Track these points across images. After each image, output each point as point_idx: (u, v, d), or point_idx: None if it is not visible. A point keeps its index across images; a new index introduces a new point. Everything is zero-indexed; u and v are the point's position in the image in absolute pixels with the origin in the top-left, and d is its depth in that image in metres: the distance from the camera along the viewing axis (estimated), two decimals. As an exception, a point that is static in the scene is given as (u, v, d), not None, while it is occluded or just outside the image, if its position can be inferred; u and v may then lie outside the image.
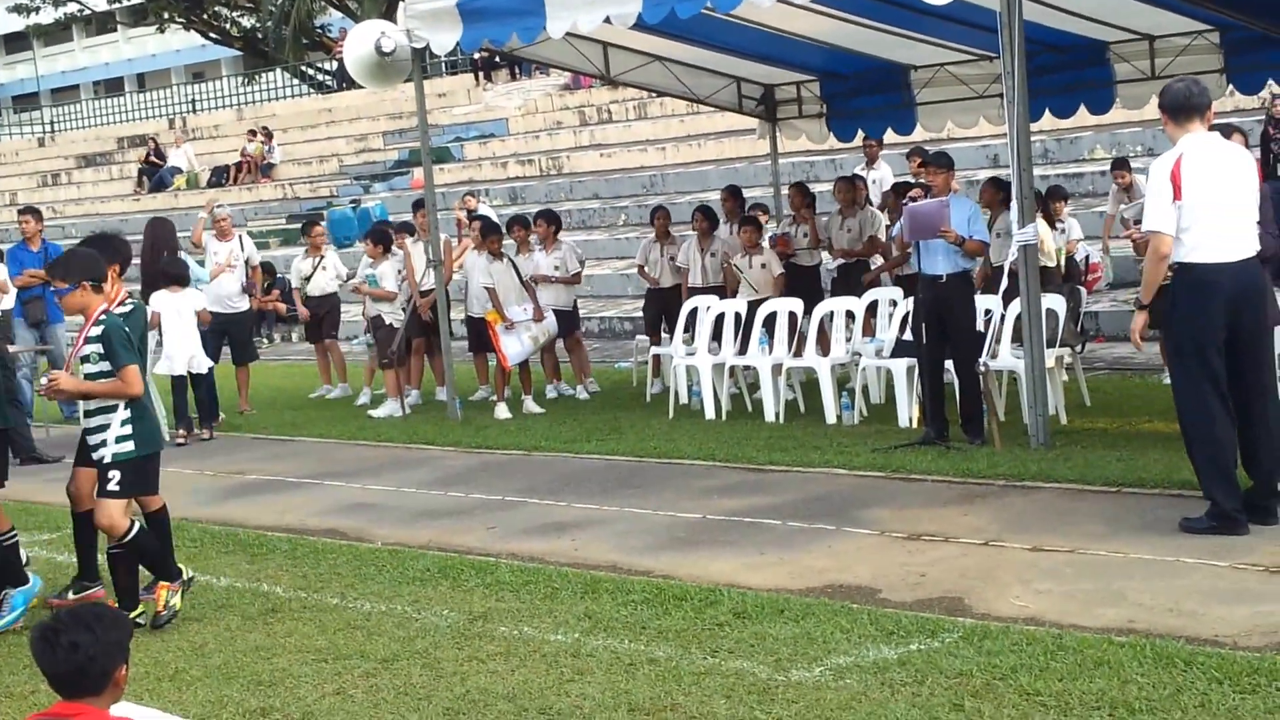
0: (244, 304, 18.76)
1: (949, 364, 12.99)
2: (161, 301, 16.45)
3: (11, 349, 17.14)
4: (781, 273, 16.49)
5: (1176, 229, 8.98)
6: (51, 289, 9.54)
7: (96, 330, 8.95)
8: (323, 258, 19.57)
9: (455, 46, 15.81)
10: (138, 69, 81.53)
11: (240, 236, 19.09)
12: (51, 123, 64.37)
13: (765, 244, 16.92)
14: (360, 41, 16.26)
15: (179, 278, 16.71)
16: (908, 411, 13.80)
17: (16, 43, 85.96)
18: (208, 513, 12.62)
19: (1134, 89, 16.76)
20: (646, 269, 17.88)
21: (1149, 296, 9.21)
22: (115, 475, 8.95)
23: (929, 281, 12.81)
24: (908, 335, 13.94)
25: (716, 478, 12.34)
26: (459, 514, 11.76)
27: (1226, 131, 10.58)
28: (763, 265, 16.44)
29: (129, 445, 9.05)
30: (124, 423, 9.03)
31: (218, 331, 18.06)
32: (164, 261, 16.93)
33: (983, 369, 12.62)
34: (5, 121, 74.10)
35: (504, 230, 17.73)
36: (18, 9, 68.78)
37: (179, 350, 16.57)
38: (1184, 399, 9.17)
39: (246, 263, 18.84)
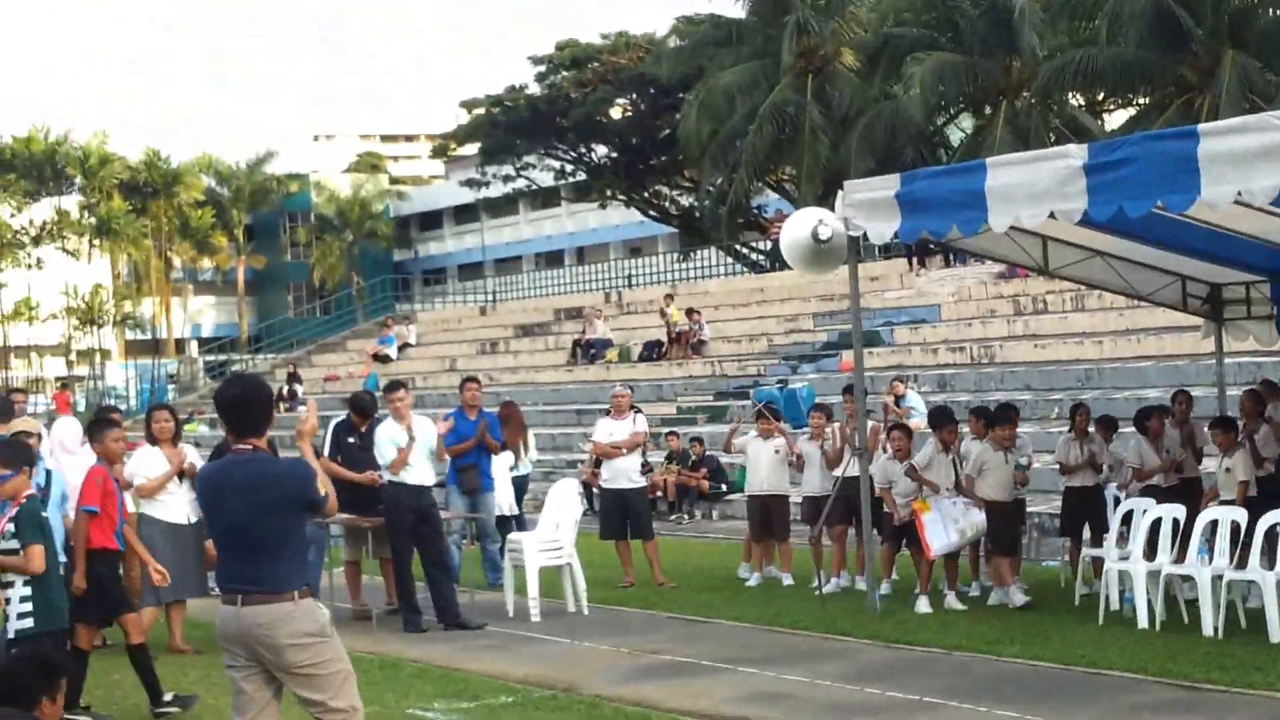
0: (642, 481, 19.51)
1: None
2: None
3: (444, 514, 17.61)
4: (1244, 480, 15.75)
5: None
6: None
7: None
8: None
9: (893, 236, 15.76)
10: (577, 242, 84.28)
11: None
12: (493, 292, 66.84)
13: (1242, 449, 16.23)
14: (797, 228, 16.34)
15: None
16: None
17: (466, 214, 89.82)
18: (619, 691, 12.61)
19: None
20: (1067, 465, 17.33)
21: None
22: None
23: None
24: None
25: (1149, 693, 11.76)
26: (874, 711, 11.47)
27: None
28: (1227, 469, 15.79)
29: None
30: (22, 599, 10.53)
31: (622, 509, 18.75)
32: None
33: None
34: (450, 290, 77.43)
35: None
36: (470, 183, 72.10)
37: None
38: None
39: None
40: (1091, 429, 17.54)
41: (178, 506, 14.70)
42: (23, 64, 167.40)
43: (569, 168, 68.50)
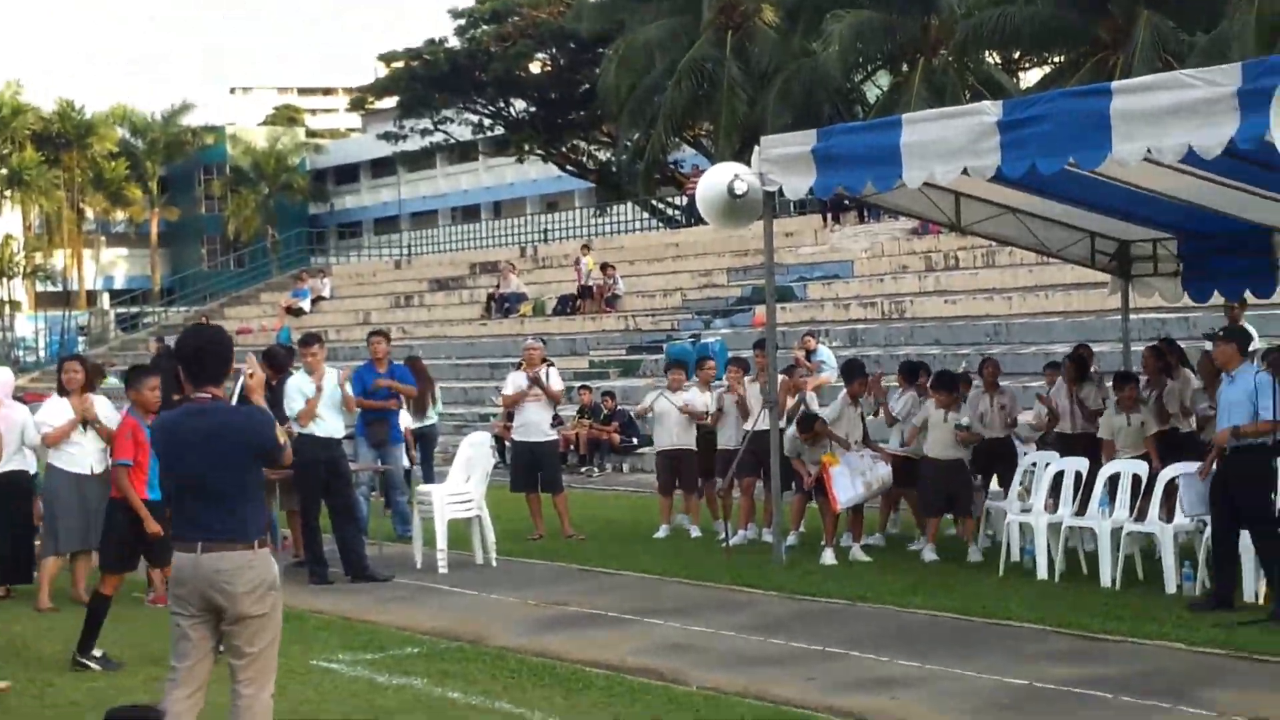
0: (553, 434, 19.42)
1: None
2: None
3: (353, 467, 17.55)
4: (1154, 434, 15.91)
5: None
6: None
7: None
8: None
9: (808, 191, 15.80)
10: (494, 197, 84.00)
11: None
12: (409, 246, 66.65)
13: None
14: (713, 183, 16.34)
15: None
16: (1254, 586, 13.12)
17: (383, 168, 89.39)
18: (526, 643, 12.64)
19: None
20: (973, 422, 17.49)
21: None
22: None
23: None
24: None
25: (1047, 642, 11.92)
26: (778, 662, 11.56)
27: None
28: (1142, 423, 15.95)
29: None
30: None
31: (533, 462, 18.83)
32: None
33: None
34: (366, 243, 77.04)
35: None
36: (387, 136, 71.62)
37: None
38: None
39: None
40: (1003, 382, 17.76)
41: (82, 457, 14.56)
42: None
43: (487, 122, 68.17)
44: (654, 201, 58.50)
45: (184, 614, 7.99)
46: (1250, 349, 17.70)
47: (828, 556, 16.18)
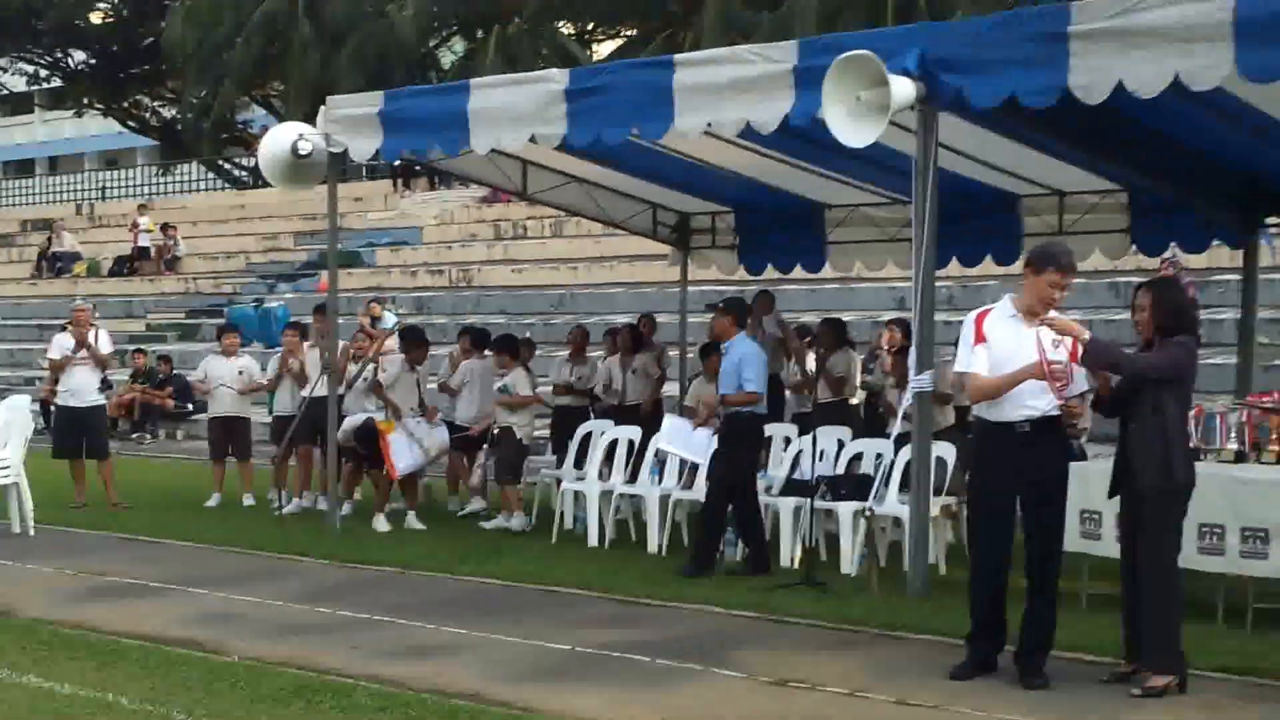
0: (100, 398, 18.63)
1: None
2: None
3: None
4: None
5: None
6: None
7: None
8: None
9: (375, 154, 15.61)
10: (50, 152, 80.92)
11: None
12: (-45, 201, 63.65)
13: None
14: (277, 142, 16.02)
15: None
16: (791, 551, 13.58)
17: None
18: (61, 614, 12.13)
19: (1040, 243, 16.71)
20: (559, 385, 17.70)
21: None
22: None
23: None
24: (799, 474, 13.82)
25: (591, 608, 12.07)
26: (323, 630, 11.39)
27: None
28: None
29: None
30: None
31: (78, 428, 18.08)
32: None
33: (869, 513, 12.52)
34: (-92, 198, 73.31)
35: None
36: (-66, 87, 68.16)
37: None
38: None
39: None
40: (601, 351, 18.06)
41: None
42: None
43: (44, 73, 65.42)
44: (220, 161, 57.23)
45: None
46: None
47: (380, 523, 16.09)
